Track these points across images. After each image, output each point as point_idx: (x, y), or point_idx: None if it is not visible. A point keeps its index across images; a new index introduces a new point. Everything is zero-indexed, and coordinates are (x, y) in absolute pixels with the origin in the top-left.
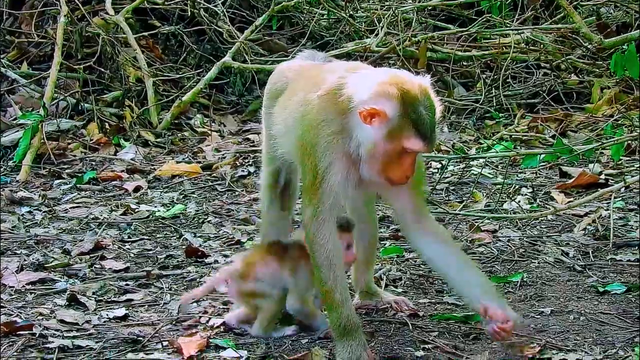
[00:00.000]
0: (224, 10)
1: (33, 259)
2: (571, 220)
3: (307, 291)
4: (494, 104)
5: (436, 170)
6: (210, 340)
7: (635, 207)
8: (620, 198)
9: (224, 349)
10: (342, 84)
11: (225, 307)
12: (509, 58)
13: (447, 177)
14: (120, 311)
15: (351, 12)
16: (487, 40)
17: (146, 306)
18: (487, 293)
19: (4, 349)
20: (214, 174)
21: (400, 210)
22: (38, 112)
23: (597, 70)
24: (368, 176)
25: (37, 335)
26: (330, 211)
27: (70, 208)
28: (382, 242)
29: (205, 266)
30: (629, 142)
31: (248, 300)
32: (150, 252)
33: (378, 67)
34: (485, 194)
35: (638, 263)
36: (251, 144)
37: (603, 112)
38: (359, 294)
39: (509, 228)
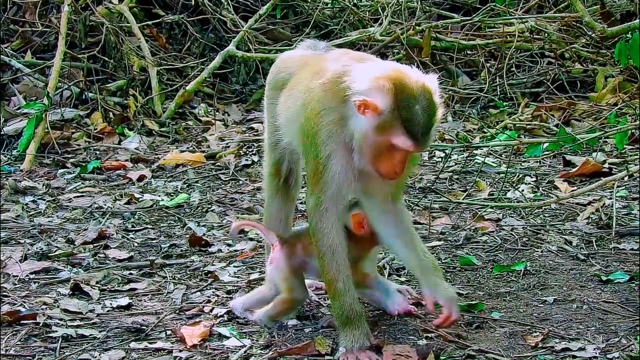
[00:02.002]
0: None
1: (37, 248)
2: (574, 209)
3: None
4: (498, 93)
5: (440, 159)
6: (214, 329)
7: (638, 195)
8: (624, 187)
9: (227, 337)
10: (344, 72)
11: (228, 296)
12: (513, 47)
13: (451, 166)
14: (124, 300)
15: (355, 1)
16: (491, 29)
17: (150, 295)
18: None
19: (8, 338)
20: (218, 163)
21: (375, 192)
22: (42, 101)
23: (601, 58)
24: (361, 166)
25: (40, 325)
26: (333, 200)
27: (74, 197)
28: None
29: (209, 255)
30: (633, 130)
31: (283, 276)
32: (154, 241)
33: (385, 60)
34: (488, 183)
35: None
36: (255, 133)
37: (607, 101)
38: None
39: (512, 217)
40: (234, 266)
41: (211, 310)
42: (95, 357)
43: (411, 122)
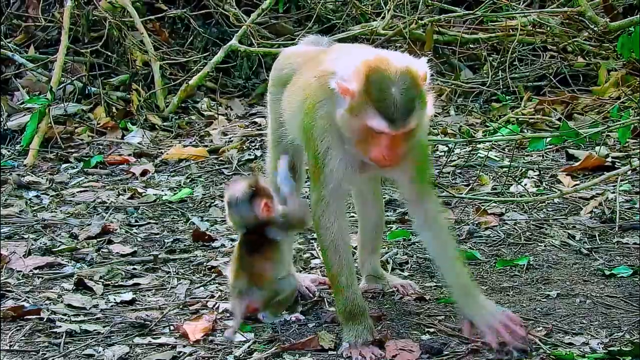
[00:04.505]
0: None
1: (40, 244)
2: (577, 203)
3: None
4: (501, 87)
5: (442, 154)
6: (217, 324)
7: None
8: (627, 181)
9: None
10: (335, 63)
11: None
12: (515, 41)
13: (454, 161)
14: (128, 295)
15: None
16: (493, 23)
17: (153, 290)
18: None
19: (12, 333)
20: (221, 158)
21: (403, 195)
22: (45, 96)
23: (604, 52)
24: (355, 155)
25: (44, 320)
26: (334, 194)
27: (78, 192)
28: (388, 226)
29: (212, 250)
30: (636, 124)
31: (270, 302)
32: (157, 236)
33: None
34: (491, 177)
35: None
36: (258, 128)
37: (610, 95)
38: (365, 277)
39: (515, 211)
40: None
41: (215, 305)
42: (99, 352)
43: (382, 103)
